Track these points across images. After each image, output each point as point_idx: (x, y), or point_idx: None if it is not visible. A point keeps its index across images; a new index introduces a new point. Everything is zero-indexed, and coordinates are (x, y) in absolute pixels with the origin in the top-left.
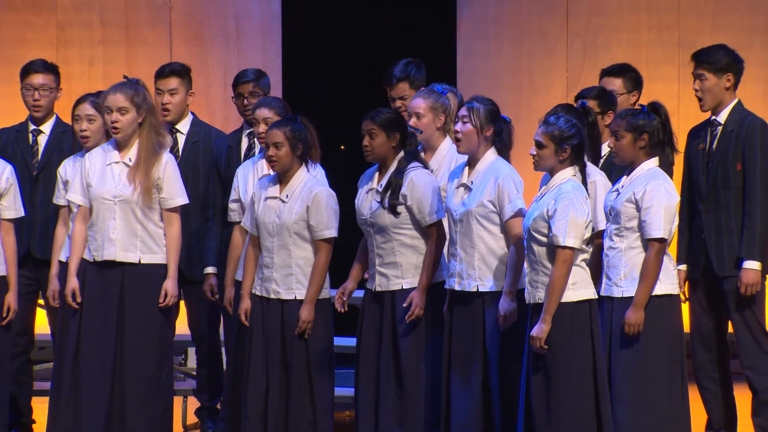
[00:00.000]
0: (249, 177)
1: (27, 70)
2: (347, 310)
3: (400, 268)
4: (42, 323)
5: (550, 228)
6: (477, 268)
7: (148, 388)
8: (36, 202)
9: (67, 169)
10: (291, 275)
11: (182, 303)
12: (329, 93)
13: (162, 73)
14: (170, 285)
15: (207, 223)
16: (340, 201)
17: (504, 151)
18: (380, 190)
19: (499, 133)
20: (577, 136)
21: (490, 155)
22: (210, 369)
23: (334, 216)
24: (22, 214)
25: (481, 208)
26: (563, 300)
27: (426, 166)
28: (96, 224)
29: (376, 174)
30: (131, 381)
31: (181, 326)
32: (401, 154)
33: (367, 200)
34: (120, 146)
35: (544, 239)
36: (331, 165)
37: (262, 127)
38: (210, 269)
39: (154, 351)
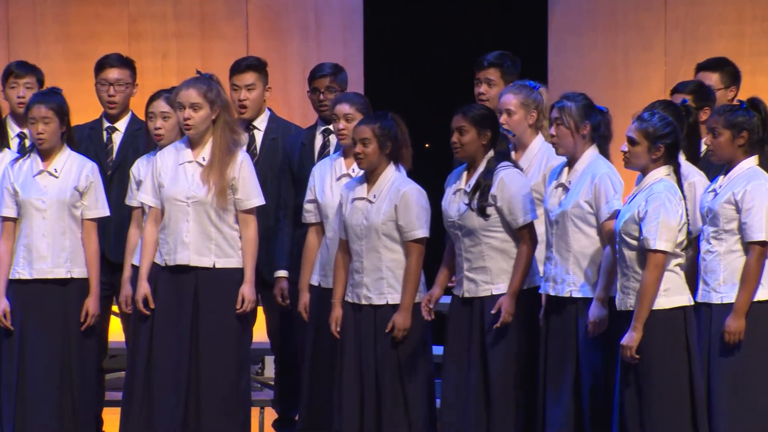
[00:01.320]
0: (326, 177)
1: (102, 65)
2: (434, 318)
3: (490, 273)
4: (115, 330)
5: (640, 231)
6: (571, 273)
7: (226, 399)
8: (110, 203)
9: (140, 168)
10: (382, 279)
11: (259, 309)
12: (412, 89)
13: (238, 68)
14: (247, 290)
15: (278, 223)
16: None
17: (604, 145)
18: (468, 190)
19: (596, 128)
20: (671, 135)
21: (590, 153)
22: (289, 378)
23: (424, 215)
24: (106, 213)
25: (577, 209)
26: (655, 307)
27: (517, 166)
28: (168, 227)
29: (464, 174)
30: (207, 392)
31: (258, 333)
32: (491, 153)
33: (454, 201)
34: (193, 144)
35: (635, 242)
36: (414, 164)
37: (342, 123)
38: (281, 272)
39: (231, 360)
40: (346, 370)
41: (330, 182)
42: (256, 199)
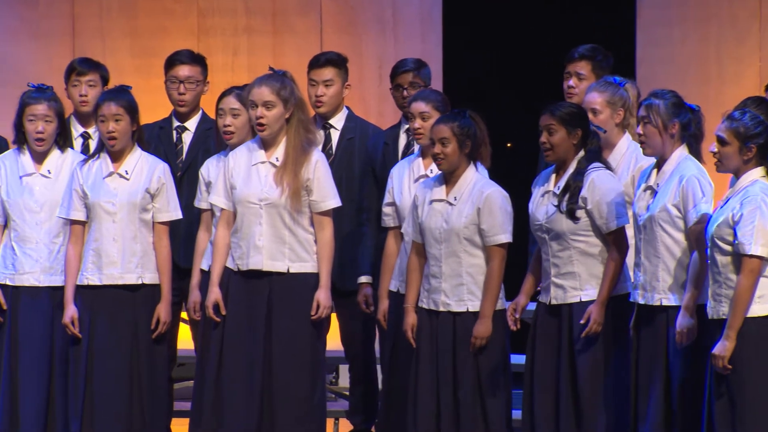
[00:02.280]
0: (405, 178)
1: (172, 61)
2: (520, 327)
3: (579, 279)
4: (184, 338)
5: (735, 235)
6: (661, 280)
7: (300, 409)
8: (179, 205)
9: (209, 169)
10: (462, 285)
11: (333, 316)
12: (494, 86)
13: (317, 63)
14: (323, 296)
15: (361, 228)
16: None
17: (694, 144)
18: (557, 192)
19: (686, 127)
20: (763, 135)
21: (679, 154)
22: (364, 389)
23: (507, 219)
24: (179, 216)
25: (664, 213)
26: (749, 315)
27: (608, 166)
28: (240, 230)
29: (553, 175)
30: (281, 402)
31: (332, 341)
32: (581, 153)
33: (542, 204)
34: (266, 144)
35: (729, 248)
36: (497, 165)
37: (418, 122)
38: (364, 278)
39: (305, 369)
40: (422, 379)
41: (408, 184)
42: (332, 200)
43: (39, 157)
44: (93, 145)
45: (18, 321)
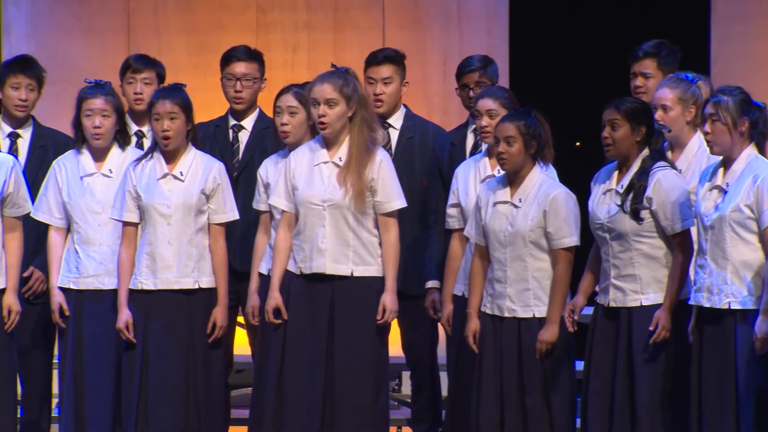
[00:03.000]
0: (470, 178)
1: (228, 58)
2: (577, 329)
3: (640, 282)
4: (241, 343)
5: None
6: (729, 282)
7: (363, 417)
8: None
9: (268, 169)
10: (527, 290)
11: (394, 321)
12: (562, 83)
13: (374, 60)
14: (389, 299)
15: (427, 231)
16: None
17: (762, 143)
18: (620, 191)
19: (755, 124)
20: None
21: (748, 152)
22: (428, 396)
23: (574, 221)
24: (235, 217)
25: (736, 214)
26: None
27: (673, 166)
28: (303, 232)
29: (615, 173)
30: (343, 410)
31: (393, 347)
32: (645, 151)
33: (603, 202)
34: (328, 144)
35: None
36: (564, 164)
37: (485, 120)
38: (431, 283)
39: (369, 375)
40: (485, 386)
41: (474, 184)
42: (397, 201)
43: (99, 156)
44: (147, 144)
45: (82, 325)
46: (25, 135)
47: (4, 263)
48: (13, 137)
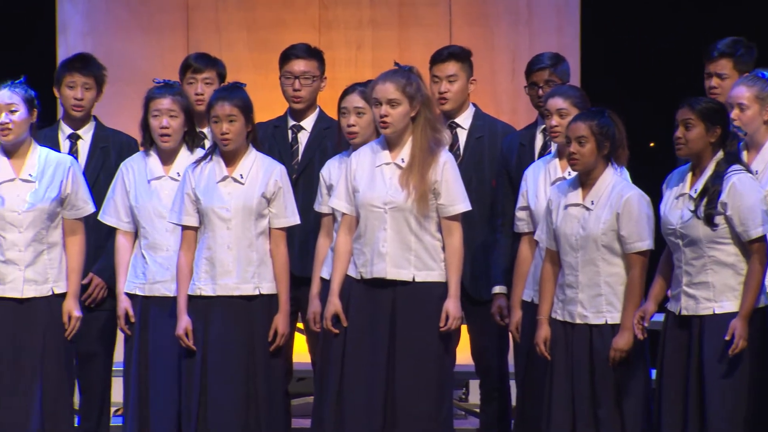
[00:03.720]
0: (540, 180)
1: (287, 56)
2: (647, 336)
3: (713, 290)
4: (301, 350)
5: None
6: None
7: (426, 428)
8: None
9: (330, 171)
10: (600, 296)
11: (463, 328)
12: (635, 82)
13: (439, 57)
14: (452, 306)
15: (494, 234)
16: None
17: None
18: (693, 195)
19: None
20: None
21: None
22: (497, 405)
23: (648, 224)
24: (296, 221)
25: None
26: None
27: (749, 170)
28: (364, 236)
29: (689, 175)
30: (406, 419)
31: (463, 355)
32: (720, 154)
33: (676, 207)
34: (390, 145)
35: None
36: (636, 166)
37: (555, 120)
38: (498, 288)
39: (431, 384)
40: (556, 395)
41: (544, 187)
42: (462, 204)
43: (167, 159)
44: (207, 146)
45: (148, 333)
46: (86, 136)
47: (65, 267)
48: (73, 138)
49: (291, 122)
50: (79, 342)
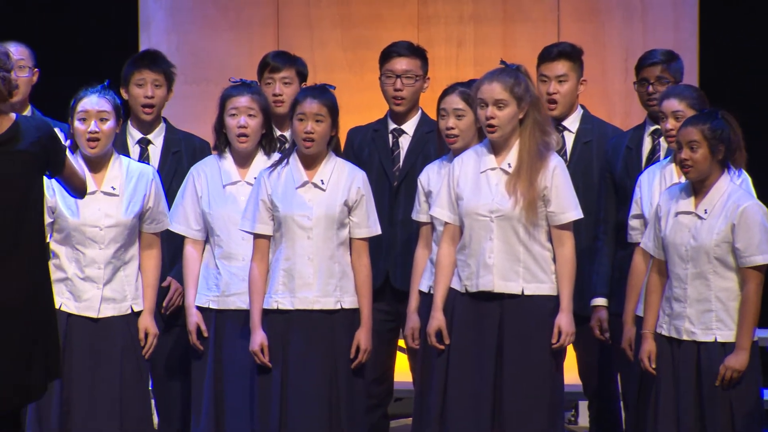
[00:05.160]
0: (654, 187)
1: (388, 54)
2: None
3: None
4: (402, 369)
5: None
6: None
7: None
8: (395, 219)
9: (429, 176)
10: (709, 311)
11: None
12: (758, 81)
13: (548, 56)
14: (564, 321)
15: (596, 242)
16: None
17: None
18: None
19: None
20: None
21: None
22: (607, 428)
23: (766, 237)
24: (377, 231)
25: None
26: None
27: None
28: (469, 246)
29: None
30: None
31: (569, 374)
32: None
33: None
34: (496, 148)
35: None
36: (760, 170)
37: (671, 123)
38: (599, 301)
39: (542, 404)
40: (662, 415)
41: (658, 194)
42: (573, 212)
43: (243, 162)
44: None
45: (222, 349)
46: (156, 141)
47: (141, 283)
48: (143, 143)
49: (391, 125)
50: (154, 361)
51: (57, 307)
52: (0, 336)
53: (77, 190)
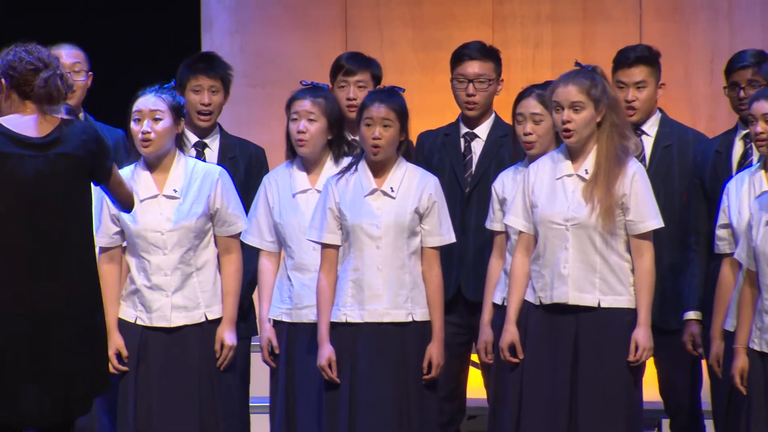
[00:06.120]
0: (743, 194)
1: (459, 57)
2: None
3: None
4: (475, 385)
5: None
6: None
7: None
8: (468, 227)
9: (504, 183)
10: None
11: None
12: None
13: (625, 61)
14: (642, 335)
15: (686, 253)
16: None
17: None
18: None
19: None
20: None
21: None
22: None
23: None
24: (451, 239)
25: None
26: None
27: None
28: (543, 256)
29: None
30: None
31: (649, 390)
32: None
33: None
34: (573, 154)
35: None
36: None
37: (761, 126)
38: (692, 314)
39: (620, 423)
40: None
41: (747, 202)
42: (653, 220)
43: (312, 169)
44: None
45: (295, 364)
46: (213, 145)
47: (219, 290)
48: (200, 147)
49: (463, 130)
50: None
51: (132, 321)
52: (39, 346)
53: (123, 202)
